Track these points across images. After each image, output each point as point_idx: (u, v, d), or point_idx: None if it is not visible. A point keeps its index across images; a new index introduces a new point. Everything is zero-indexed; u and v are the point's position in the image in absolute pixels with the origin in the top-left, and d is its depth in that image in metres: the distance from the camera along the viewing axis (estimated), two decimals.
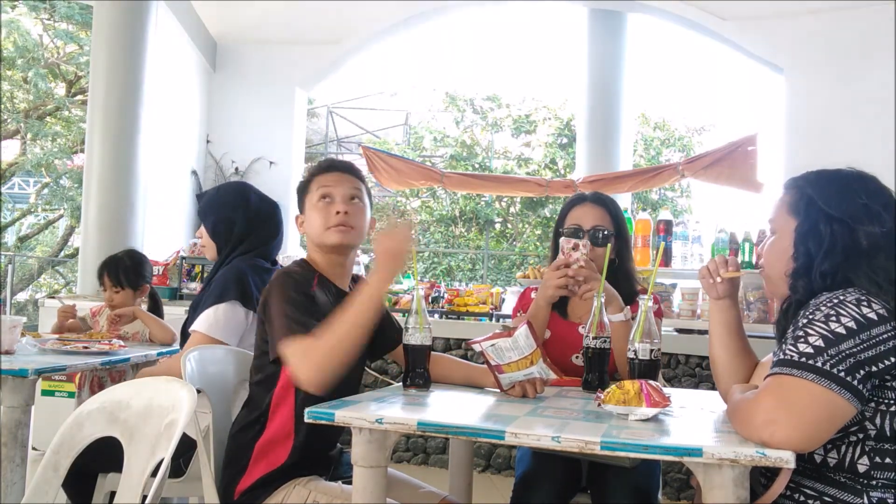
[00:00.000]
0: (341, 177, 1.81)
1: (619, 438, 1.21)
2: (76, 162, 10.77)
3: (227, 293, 2.14)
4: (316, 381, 1.49)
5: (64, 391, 4.06)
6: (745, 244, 3.83)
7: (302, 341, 1.53)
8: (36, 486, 1.40)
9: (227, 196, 2.31)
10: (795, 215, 1.44)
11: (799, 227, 1.42)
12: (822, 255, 1.37)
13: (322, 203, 1.77)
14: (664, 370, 3.67)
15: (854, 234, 1.36)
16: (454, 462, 2.08)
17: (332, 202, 1.76)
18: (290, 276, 1.69)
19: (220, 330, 2.11)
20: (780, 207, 1.48)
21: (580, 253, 1.90)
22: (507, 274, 12.26)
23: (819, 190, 1.43)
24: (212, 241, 2.31)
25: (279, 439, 1.68)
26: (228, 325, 2.12)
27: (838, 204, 1.39)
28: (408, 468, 4.12)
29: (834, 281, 1.35)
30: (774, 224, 1.50)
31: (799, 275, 1.40)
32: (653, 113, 12.90)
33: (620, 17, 5.93)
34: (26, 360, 2.03)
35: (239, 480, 1.67)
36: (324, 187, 1.78)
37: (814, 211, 1.41)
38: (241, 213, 2.27)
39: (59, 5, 9.82)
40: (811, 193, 1.43)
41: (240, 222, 2.27)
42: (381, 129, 14.22)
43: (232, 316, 2.13)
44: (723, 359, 1.63)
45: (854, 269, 1.34)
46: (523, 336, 1.51)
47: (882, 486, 1.27)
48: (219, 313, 2.12)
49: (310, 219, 1.79)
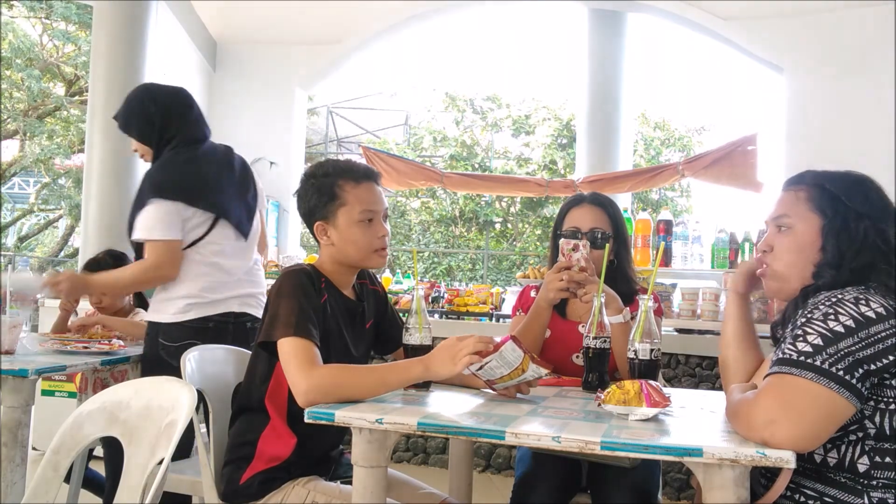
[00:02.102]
0: (378, 193, 1.76)
1: (619, 438, 1.21)
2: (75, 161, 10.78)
3: (145, 195, 2.23)
4: (313, 402, 1.47)
5: (64, 391, 4.05)
6: (745, 244, 3.84)
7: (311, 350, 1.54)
8: (36, 486, 1.40)
9: (136, 101, 2.39)
10: (819, 212, 1.41)
11: (829, 224, 1.39)
12: (854, 251, 1.36)
13: (365, 222, 1.72)
14: (664, 370, 3.67)
15: (884, 234, 1.37)
16: (454, 462, 2.08)
17: (374, 222, 1.73)
18: (303, 280, 1.67)
19: (158, 230, 2.21)
20: (796, 204, 1.44)
21: (580, 254, 1.90)
22: (507, 274, 12.26)
23: (841, 188, 1.41)
24: (145, 146, 2.39)
25: (278, 437, 1.68)
26: (162, 221, 2.21)
27: (863, 202, 1.39)
28: (408, 468, 4.12)
29: (863, 276, 1.35)
30: (788, 220, 1.44)
31: (829, 265, 1.38)
32: (653, 113, 12.91)
33: (620, 17, 5.93)
34: (26, 360, 2.03)
35: (239, 478, 1.67)
36: (366, 204, 1.72)
37: (842, 208, 1.39)
38: (153, 108, 2.35)
39: (57, 5, 9.82)
40: (833, 190, 1.41)
41: (157, 116, 2.35)
42: (381, 129, 14.22)
43: (162, 211, 2.22)
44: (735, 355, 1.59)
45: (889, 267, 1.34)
46: (509, 351, 1.50)
47: (882, 486, 1.27)
48: (149, 215, 2.22)
49: (348, 235, 1.71)
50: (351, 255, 1.73)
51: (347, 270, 1.79)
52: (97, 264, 2.81)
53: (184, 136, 2.36)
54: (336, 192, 1.71)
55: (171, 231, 2.22)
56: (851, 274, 1.35)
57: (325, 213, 1.72)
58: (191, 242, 2.28)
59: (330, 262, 1.77)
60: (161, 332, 2.26)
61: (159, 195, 2.22)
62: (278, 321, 1.59)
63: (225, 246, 2.34)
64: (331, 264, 1.77)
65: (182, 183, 2.26)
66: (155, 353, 2.26)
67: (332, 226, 1.72)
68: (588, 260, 1.90)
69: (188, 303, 2.25)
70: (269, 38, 5.82)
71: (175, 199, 2.23)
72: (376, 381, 1.52)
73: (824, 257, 1.39)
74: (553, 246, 2.10)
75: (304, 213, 1.78)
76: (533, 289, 2.17)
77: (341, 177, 1.73)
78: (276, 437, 1.68)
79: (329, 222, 1.73)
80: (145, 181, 2.28)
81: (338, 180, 1.72)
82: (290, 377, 1.53)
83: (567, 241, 1.93)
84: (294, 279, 1.66)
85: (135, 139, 2.40)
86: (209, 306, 2.27)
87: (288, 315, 1.58)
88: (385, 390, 1.54)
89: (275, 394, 1.69)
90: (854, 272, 1.35)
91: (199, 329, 2.24)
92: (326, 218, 1.73)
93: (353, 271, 1.81)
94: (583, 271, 1.88)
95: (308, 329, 1.57)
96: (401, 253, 12.96)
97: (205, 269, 2.29)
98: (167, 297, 2.27)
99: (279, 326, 1.58)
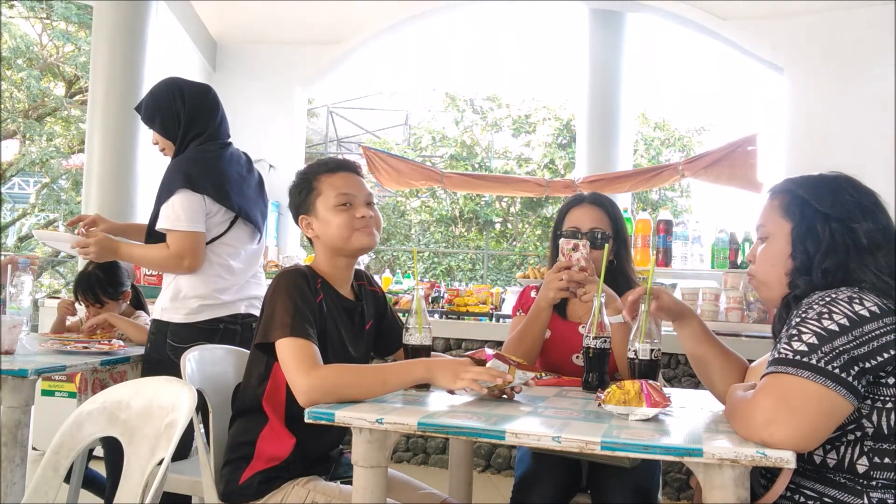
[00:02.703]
0: (356, 180, 1.79)
1: (619, 438, 1.21)
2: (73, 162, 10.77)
3: (174, 184, 2.25)
4: (314, 401, 1.47)
5: (64, 391, 4.06)
6: (745, 244, 3.84)
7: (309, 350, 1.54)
8: (36, 486, 1.40)
9: (163, 94, 2.39)
10: (789, 218, 1.44)
11: (796, 229, 1.42)
12: (822, 253, 1.38)
13: (342, 207, 1.74)
14: (664, 370, 3.67)
15: (853, 232, 1.37)
16: (454, 462, 2.08)
17: (352, 207, 1.75)
18: (299, 280, 1.67)
19: (184, 220, 2.21)
20: (771, 212, 1.48)
21: (580, 253, 1.90)
22: (507, 274, 12.26)
23: (811, 191, 1.43)
24: (167, 140, 2.41)
25: (277, 437, 1.68)
26: (188, 212, 2.22)
27: (832, 204, 1.40)
28: (408, 468, 4.12)
29: (835, 278, 1.36)
30: (765, 229, 1.49)
31: (799, 273, 1.41)
32: (653, 113, 12.90)
33: (620, 17, 5.93)
34: (26, 360, 2.03)
35: (238, 478, 1.67)
36: (341, 191, 1.74)
37: (809, 211, 1.41)
38: (180, 103, 2.36)
39: (57, 5, 9.82)
40: (803, 195, 1.43)
41: (184, 112, 2.36)
42: (381, 129, 14.22)
43: (189, 203, 2.23)
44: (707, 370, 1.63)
45: (860, 265, 1.34)
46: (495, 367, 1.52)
47: (882, 486, 1.27)
48: (175, 205, 2.23)
49: (326, 222, 1.74)
50: (335, 241, 1.74)
51: (342, 264, 1.79)
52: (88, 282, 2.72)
53: (209, 134, 2.38)
54: (313, 184, 1.77)
55: (196, 223, 2.24)
56: (823, 276, 1.37)
57: (306, 207, 1.78)
58: (208, 240, 2.29)
59: (323, 257, 1.78)
60: (170, 332, 2.26)
61: (189, 186, 2.24)
62: (275, 322, 1.59)
63: (239, 248, 2.36)
64: (325, 261, 1.78)
65: (212, 178, 2.28)
66: (161, 354, 2.25)
67: (313, 217, 1.77)
68: (588, 260, 1.90)
69: (201, 304, 2.26)
70: (269, 38, 5.82)
71: (204, 193, 2.25)
72: (378, 381, 1.52)
73: (794, 263, 1.42)
74: (553, 246, 2.10)
75: (293, 214, 1.83)
76: (533, 289, 2.17)
77: (317, 170, 1.79)
78: (275, 437, 1.68)
79: (310, 214, 1.77)
80: (174, 171, 2.29)
81: (314, 174, 1.78)
82: (291, 378, 1.53)
83: (567, 241, 1.93)
84: (289, 279, 1.66)
85: (157, 132, 2.41)
86: (221, 307, 2.28)
87: (284, 315, 1.58)
88: (387, 390, 1.54)
89: (272, 395, 1.69)
90: (825, 273, 1.36)
91: (209, 330, 2.25)
92: (308, 211, 1.77)
93: (347, 263, 1.80)
94: (583, 271, 1.88)
95: (305, 329, 1.57)
96: (401, 253, 12.96)
97: (218, 269, 2.30)
98: (179, 297, 2.27)
99: (276, 327, 1.58)
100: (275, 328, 1.58)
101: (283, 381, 1.61)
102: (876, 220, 1.38)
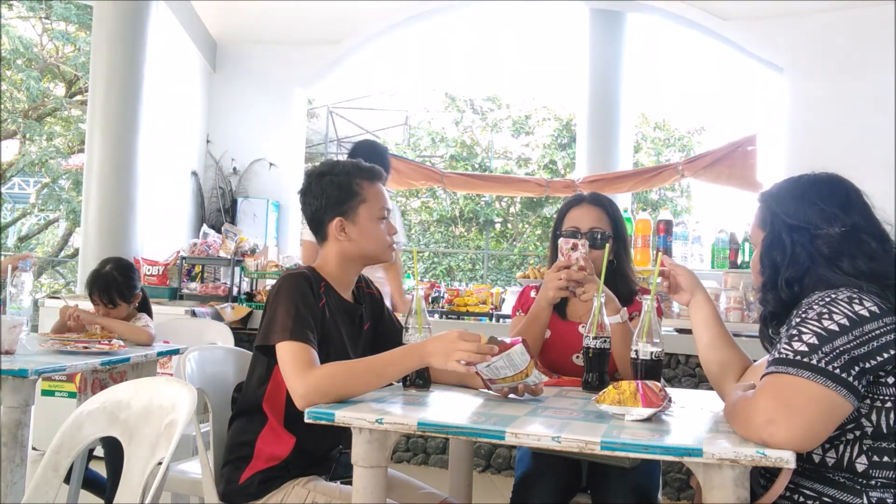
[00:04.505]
0: (383, 190, 1.82)
1: (619, 438, 1.21)
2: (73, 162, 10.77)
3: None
4: (312, 402, 1.46)
5: (64, 391, 4.05)
6: (745, 244, 3.84)
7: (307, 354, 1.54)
8: (36, 486, 1.40)
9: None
10: (763, 229, 1.49)
11: (764, 240, 1.47)
12: (786, 264, 1.41)
13: (383, 220, 1.78)
14: (664, 370, 3.67)
15: (814, 241, 1.39)
16: (454, 462, 2.08)
17: (386, 220, 1.79)
18: (302, 283, 1.67)
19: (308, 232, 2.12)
20: (754, 222, 1.53)
21: (579, 253, 1.90)
22: (507, 274, 12.26)
23: (778, 201, 1.47)
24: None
25: (276, 437, 1.68)
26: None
27: (795, 213, 1.43)
28: (408, 468, 4.12)
29: (801, 287, 1.38)
30: (752, 239, 1.56)
31: (767, 288, 1.44)
32: (653, 113, 12.90)
33: (620, 17, 5.93)
34: (26, 360, 2.03)
35: (238, 478, 1.67)
36: (384, 205, 1.78)
37: (777, 222, 1.45)
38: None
39: (57, 6, 9.81)
40: (773, 206, 1.47)
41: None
42: (380, 129, 14.21)
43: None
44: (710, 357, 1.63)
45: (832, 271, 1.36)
46: (518, 354, 1.50)
47: (881, 485, 1.27)
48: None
49: (369, 230, 1.75)
50: (369, 250, 1.76)
51: (354, 268, 1.80)
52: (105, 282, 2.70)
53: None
54: (356, 189, 1.75)
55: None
56: (788, 286, 1.39)
57: (345, 210, 1.74)
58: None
59: (336, 261, 1.77)
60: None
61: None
62: (276, 325, 1.59)
63: None
64: (337, 264, 1.77)
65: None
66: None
67: (351, 222, 1.74)
68: (587, 259, 1.90)
69: None
70: (269, 38, 5.82)
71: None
72: (372, 374, 1.52)
73: (762, 278, 1.46)
74: (553, 246, 2.10)
75: (317, 209, 1.76)
76: (533, 289, 2.17)
77: (359, 175, 1.77)
78: (275, 437, 1.68)
79: (349, 218, 1.74)
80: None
81: (356, 178, 1.76)
82: (288, 381, 1.53)
83: (566, 241, 1.93)
84: (292, 282, 1.66)
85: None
86: None
87: (285, 319, 1.58)
88: (382, 383, 1.55)
89: (273, 396, 1.69)
90: (789, 284, 1.39)
91: None
92: (346, 214, 1.74)
93: (358, 269, 1.82)
94: (581, 270, 1.89)
95: (305, 333, 1.57)
96: (401, 253, 12.94)
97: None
98: None
99: (276, 330, 1.58)
100: (275, 331, 1.58)
101: (284, 383, 1.61)
102: (841, 223, 1.38)
